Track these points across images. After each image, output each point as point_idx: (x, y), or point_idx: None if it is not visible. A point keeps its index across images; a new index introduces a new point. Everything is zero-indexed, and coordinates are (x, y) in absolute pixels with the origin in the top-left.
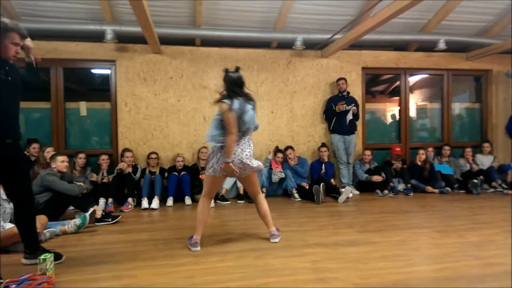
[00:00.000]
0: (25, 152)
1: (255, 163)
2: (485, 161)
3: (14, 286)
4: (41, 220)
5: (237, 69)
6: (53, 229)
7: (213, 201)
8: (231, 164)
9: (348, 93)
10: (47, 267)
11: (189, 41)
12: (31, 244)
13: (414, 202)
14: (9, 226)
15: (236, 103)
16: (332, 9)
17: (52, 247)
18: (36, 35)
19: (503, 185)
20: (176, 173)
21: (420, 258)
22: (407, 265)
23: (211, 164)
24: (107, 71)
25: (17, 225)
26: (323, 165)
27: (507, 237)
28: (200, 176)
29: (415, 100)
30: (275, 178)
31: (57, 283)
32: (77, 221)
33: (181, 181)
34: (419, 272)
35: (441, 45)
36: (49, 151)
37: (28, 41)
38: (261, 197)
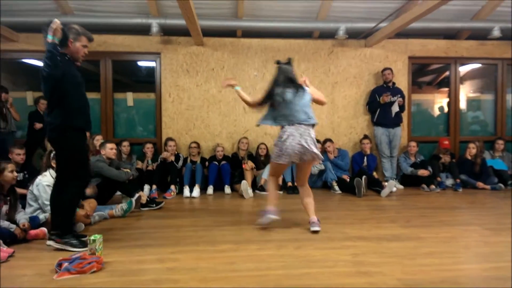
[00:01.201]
0: None
1: (315, 149)
2: None
3: (66, 264)
4: (91, 203)
5: (288, 60)
6: (101, 212)
7: (251, 190)
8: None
9: (394, 83)
10: (96, 248)
11: (230, 33)
12: (60, 226)
13: (463, 198)
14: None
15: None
16: None
17: (101, 230)
18: (88, 29)
19: None
20: (216, 163)
21: (470, 256)
22: (456, 263)
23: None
24: (153, 63)
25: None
26: (365, 157)
27: None
28: (243, 166)
29: (465, 92)
30: (314, 170)
31: (105, 263)
32: (124, 205)
33: (221, 170)
34: (469, 270)
35: (496, 33)
36: (98, 139)
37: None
38: (308, 187)
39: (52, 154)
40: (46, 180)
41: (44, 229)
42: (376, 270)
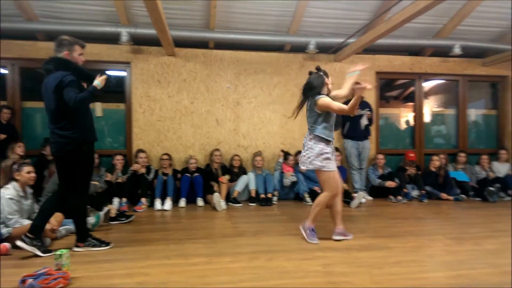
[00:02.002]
0: (42, 152)
1: (303, 158)
2: (501, 168)
3: (30, 280)
4: (57, 217)
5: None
6: (68, 226)
7: (224, 202)
8: None
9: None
10: (63, 263)
11: (203, 44)
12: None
13: (428, 209)
14: (26, 222)
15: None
16: (346, 12)
17: (68, 244)
18: (53, 36)
19: None
20: (188, 175)
21: (435, 265)
22: (422, 271)
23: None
24: (123, 73)
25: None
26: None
27: None
28: (220, 179)
29: (430, 106)
30: (287, 181)
31: (72, 278)
32: (92, 219)
33: (194, 183)
34: (434, 279)
35: (457, 50)
36: None
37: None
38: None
39: (16, 166)
40: (8, 193)
41: (7, 245)
42: (345, 280)
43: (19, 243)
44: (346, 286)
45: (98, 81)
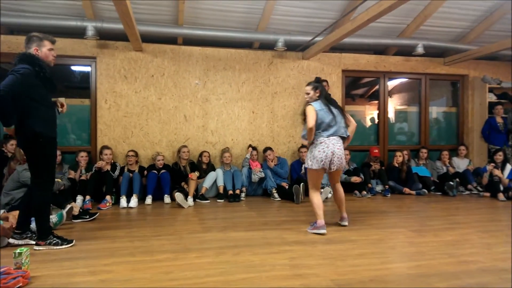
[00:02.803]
0: (2, 149)
1: (340, 162)
2: (461, 164)
3: None
4: (16, 215)
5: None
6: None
7: (192, 199)
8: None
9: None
10: (23, 261)
11: (171, 40)
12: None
13: (392, 203)
14: None
15: (317, 104)
16: (314, 11)
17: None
18: (16, 29)
19: (479, 187)
20: (155, 171)
21: (396, 256)
22: (384, 262)
23: (311, 159)
24: (87, 68)
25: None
26: (303, 165)
27: (482, 236)
28: (190, 175)
29: (393, 104)
30: (255, 177)
31: (32, 277)
32: (54, 218)
33: (161, 179)
34: (395, 269)
35: (419, 50)
36: None
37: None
38: (339, 185)
39: None
40: None
41: None
42: (311, 272)
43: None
44: (311, 278)
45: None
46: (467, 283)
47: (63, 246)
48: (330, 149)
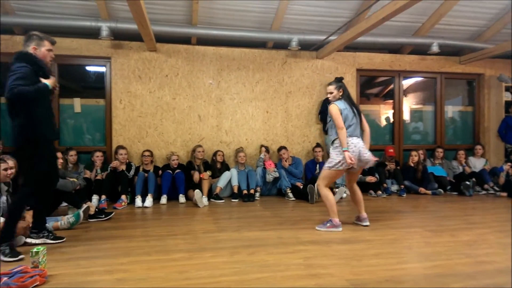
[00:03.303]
0: None
1: (369, 156)
2: (477, 163)
3: (5, 278)
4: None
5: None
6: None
7: (206, 199)
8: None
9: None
10: (40, 260)
11: (185, 40)
12: (39, 225)
13: (407, 203)
14: (1, 220)
15: (340, 103)
16: (328, 10)
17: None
18: (31, 30)
19: (495, 187)
20: (170, 171)
21: (413, 256)
22: (400, 262)
23: (339, 159)
24: (102, 68)
25: (37, 206)
26: (318, 165)
27: (499, 236)
28: (201, 175)
29: (408, 103)
30: (269, 177)
31: (49, 276)
32: (71, 218)
33: (175, 179)
34: (411, 269)
35: (434, 49)
36: None
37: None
38: (357, 186)
39: None
40: None
41: None
42: (325, 272)
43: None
44: (326, 278)
45: (48, 82)
46: (484, 283)
47: (14, 259)
48: (358, 148)
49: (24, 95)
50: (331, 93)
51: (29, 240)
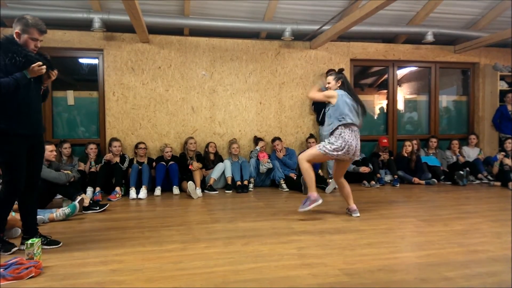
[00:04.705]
0: None
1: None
2: (471, 153)
3: (1, 270)
4: None
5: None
6: (41, 216)
7: (200, 190)
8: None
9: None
10: (35, 252)
11: (177, 31)
12: (30, 231)
13: (401, 193)
14: None
15: (340, 91)
16: (321, 0)
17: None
18: None
19: (489, 177)
20: (164, 163)
21: (406, 245)
22: (393, 252)
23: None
24: (95, 60)
25: (21, 209)
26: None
27: (492, 226)
28: (190, 167)
29: (403, 93)
30: (263, 168)
31: (44, 267)
32: (66, 209)
33: (169, 171)
34: (404, 258)
35: (429, 38)
36: None
37: (54, 74)
38: (344, 179)
39: None
40: None
41: None
42: (319, 262)
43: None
44: (320, 267)
45: (27, 71)
46: (477, 272)
47: (5, 253)
48: (357, 140)
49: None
50: (328, 83)
51: (23, 247)
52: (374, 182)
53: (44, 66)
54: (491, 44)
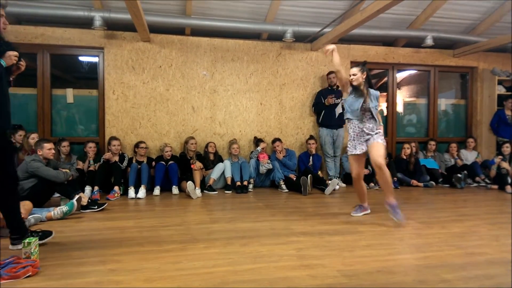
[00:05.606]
0: (11, 139)
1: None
2: (469, 156)
3: None
4: (25, 206)
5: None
6: (38, 215)
7: (199, 190)
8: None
9: (338, 87)
10: (32, 251)
11: (178, 30)
12: (16, 229)
13: (399, 195)
14: None
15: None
16: (323, 2)
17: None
18: (23, 19)
19: (487, 180)
20: (163, 162)
21: (404, 247)
22: (391, 253)
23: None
24: (95, 59)
25: (1, 209)
26: (311, 157)
27: (490, 228)
28: (192, 166)
29: (402, 96)
30: (263, 169)
31: (42, 267)
32: (64, 207)
33: (169, 170)
34: (403, 260)
35: (429, 41)
36: (33, 138)
37: (23, 64)
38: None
39: None
40: None
41: None
42: (318, 263)
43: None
44: (318, 268)
45: (3, 59)
46: (474, 274)
47: None
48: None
49: None
50: (354, 74)
51: (13, 247)
52: (373, 184)
53: (17, 54)
54: (490, 49)
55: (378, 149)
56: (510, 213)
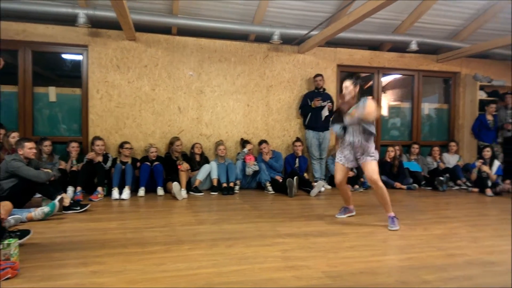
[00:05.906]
0: None
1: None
2: (451, 160)
3: None
4: (5, 206)
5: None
6: (18, 215)
7: (185, 191)
8: None
9: (324, 89)
10: (11, 253)
11: (165, 30)
12: None
13: None
14: None
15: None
16: (310, 4)
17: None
18: (4, 15)
19: (468, 183)
20: (148, 163)
21: (387, 249)
22: (375, 255)
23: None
24: (79, 57)
25: None
26: (297, 159)
27: (470, 230)
28: (179, 167)
29: (387, 100)
30: (249, 171)
31: (21, 268)
32: (45, 208)
33: (154, 171)
34: (386, 261)
35: (413, 46)
36: (14, 136)
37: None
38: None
39: None
40: None
41: None
42: (302, 264)
43: None
44: (303, 270)
45: None
46: (454, 275)
47: None
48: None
49: None
50: (346, 87)
51: None
52: (357, 186)
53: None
54: (472, 55)
55: (371, 166)
56: (490, 215)
